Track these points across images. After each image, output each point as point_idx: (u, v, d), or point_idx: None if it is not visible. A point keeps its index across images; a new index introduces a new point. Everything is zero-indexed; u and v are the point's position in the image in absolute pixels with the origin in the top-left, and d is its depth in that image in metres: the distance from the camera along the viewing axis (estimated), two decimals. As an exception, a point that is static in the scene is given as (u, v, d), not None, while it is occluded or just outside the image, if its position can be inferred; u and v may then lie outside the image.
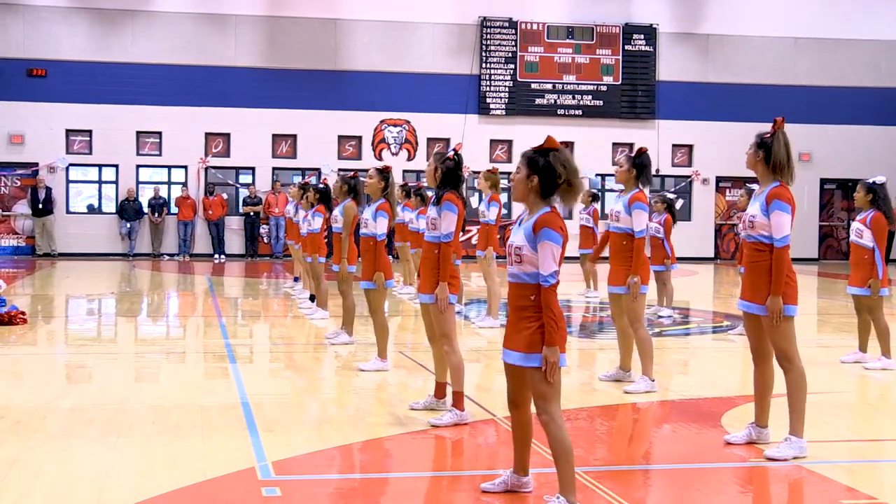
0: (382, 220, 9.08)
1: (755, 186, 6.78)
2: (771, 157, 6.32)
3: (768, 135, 6.38)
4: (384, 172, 9.16)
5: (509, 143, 27.40)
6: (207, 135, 26.64)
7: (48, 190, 25.63)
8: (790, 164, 6.35)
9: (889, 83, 29.04)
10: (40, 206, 25.51)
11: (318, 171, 26.47)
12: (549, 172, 5.01)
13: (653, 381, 8.42)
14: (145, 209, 26.35)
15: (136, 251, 26.21)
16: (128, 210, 26.05)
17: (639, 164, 8.42)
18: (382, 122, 27.32)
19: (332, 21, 26.90)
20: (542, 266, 4.96)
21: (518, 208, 23.87)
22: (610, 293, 8.70)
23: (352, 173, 10.69)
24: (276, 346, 11.61)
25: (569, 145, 27.33)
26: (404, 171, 26.55)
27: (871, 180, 9.76)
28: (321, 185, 13.68)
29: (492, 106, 27.53)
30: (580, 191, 5.10)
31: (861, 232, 9.70)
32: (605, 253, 8.94)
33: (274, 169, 26.97)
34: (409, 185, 18.13)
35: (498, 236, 12.82)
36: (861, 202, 9.76)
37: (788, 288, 6.29)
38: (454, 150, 7.35)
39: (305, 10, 26.74)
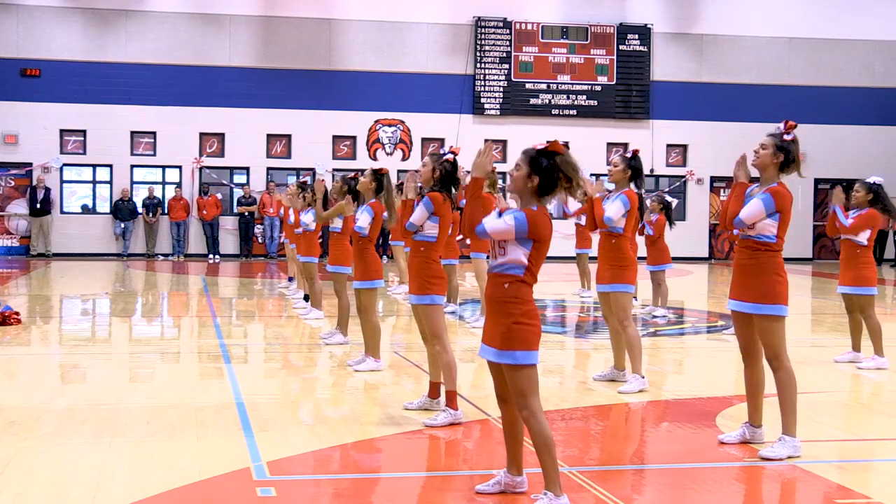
0: (366, 214, 9.12)
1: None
2: (791, 161, 6.37)
3: (788, 137, 6.40)
4: (378, 174, 9.21)
5: (504, 142, 27.41)
6: (202, 135, 26.62)
7: (47, 190, 25.60)
8: (800, 163, 6.46)
9: (883, 83, 29.10)
10: (38, 206, 25.48)
11: (312, 171, 26.46)
12: (549, 175, 5.07)
13: (643, 377, 8.45)
14: (140, 209, 26.32)
15: (130, 251, 26.19)
16: (122, 210, 26.02)
17: (634, 167, 8.47)
18: (377, 122, 27.32)
19: (326, 21, 26.89)
20: (489, 223, 5.07)
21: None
22: (599, 292, 8.76)
23: (352, 174, 10.70)
24: (271, 346, 11.61)
25: (565, 144, 27.37)
26: (399, 171, 26.53)
27: (870, 180, 9.78)
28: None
29: (486, 106, 27.54)
30: (579, 189, 5.17)
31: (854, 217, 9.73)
32: (595, 252, 8.98)
33: (268, 169, 26.96)
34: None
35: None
36: (860, 200, 9.77)
37: (780, 286, 6.32)
38: (451, 152, 7.38)
39: (299, 9, 26.73)
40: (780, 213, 6.34)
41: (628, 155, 8.52)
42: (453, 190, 7.39)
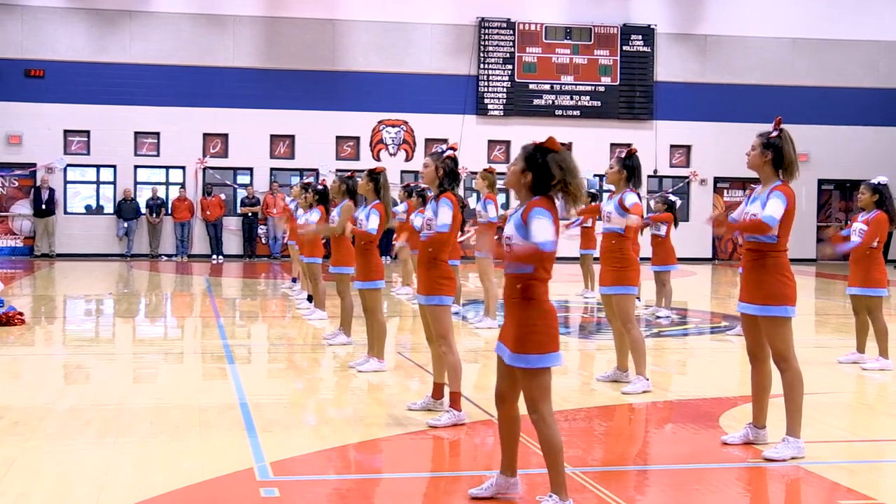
0: (374, 216, 9.11)
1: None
2: (783, 158, 6.31)
3: (774, 135, 6.36)
4: (374, 174, 9.21)
5: (507, 143, 27.40)
6: (205, 135, 26.63)
7: (51, 191, 25.63)
8: (796, 162, 6.38)
9: (887, 83, 29.06)
10: (43, 206, 25.50)
11: (315, 171, 26.47)
12: (544, 172, 5.02)
13: (648, 380, 8.44)
14: (143, 210, 26.34)
15: (133, 252, 26.20)
16: (126, 211, 26.04)
17: (629, 166, 8.43)
18: (380, 122, 27.32)
19: (329, 21, 26.90)
20: (538, 236, 4.90)
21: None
22: (602, 294, 8.74)
23: (349, 173, 10.69)
24: (275, 347, 11.61)
25: (567, 146, 27.35)
26: (402, 172, 26.56)
27: (875, 181, 9.75)
28: (319, 186, 13.70)
29: (489, 106, 27.54)
30: (580, 192, 5.06)
31: (864, 232, 9.69)
32: (598, 253, 8.95)
33: (272, 170, 26.97)
34: (412, 185, 18.12)
35: (496, 237, 12.81)
36: (866, 203, 9.74)
37: (787, 288, 6.29)
38: (451, 148, 7.35)
39: (303, 10, 26.74)
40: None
41: (622, 155, 8.48)
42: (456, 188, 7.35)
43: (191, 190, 26.58)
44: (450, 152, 7.29)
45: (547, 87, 27.77)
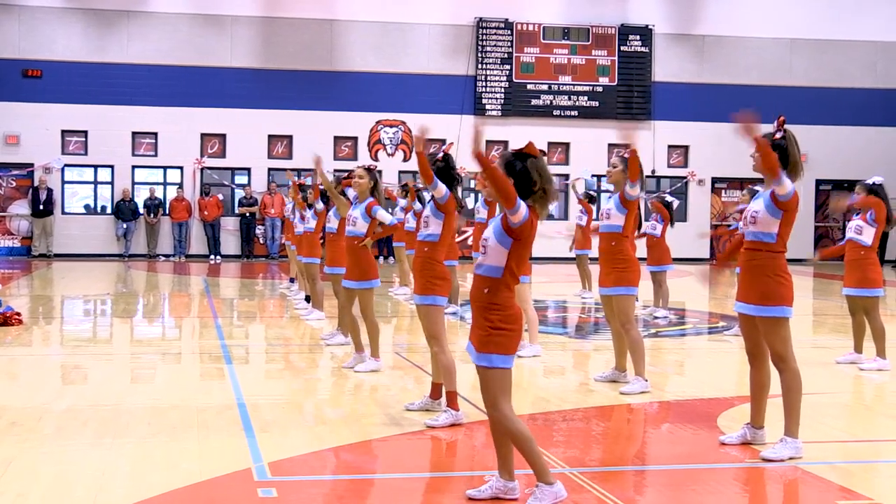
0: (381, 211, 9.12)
1: (758, 188, 6.76)
2: (789, 159, 6.29)
3: (779, 136, 6.34)
4: (372, 171, 9.20)
5: (505, 143, 27.35)
6: (203, 135, 26.63)
7: (49, 191, 25.61)
8: (801, 162, 6.36)
9: (885, 84, 29.08)
10: (41, 206, 25.48)
11: (312, 171, 26.43)
12: (524, 178, 5.09)
13: (646, 380, 8.44)
14: (141, 210, 26.32)
15: (131, 252, 26.19)
16: (124, 211, 26.02)
17: None
18: (378, 122, 27.32)
19: (327, 22, 26.90)
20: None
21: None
22: (601, 295, 8.73)
23: (347, 174, 10.70)
24: (272, 347, 11.61)
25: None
26: (400, 172, 26.55)
27: (870, 181, 9.75)
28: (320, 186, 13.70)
29: (487, 107, 27.54)
30: (554, 199, 5.17)
31: (861, 229, 9.68)
32: (596, 253, 8.94)
33: (270, 170, 26.96)
34: (412, 184, 18.10)
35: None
36: (862, 203, 9.75)
37: (783, 289, 6.28)
38: (444, 150, 7.34)
39: (301, 10, 26.73)
40: (784, 212, 6.29)
41: (626, 155, 8.45)
42: (456, 189, 7.34)
43: (188, 190, 26.57)
44: (439, 154, 7.28)
45: (545, 87, 27.78)
